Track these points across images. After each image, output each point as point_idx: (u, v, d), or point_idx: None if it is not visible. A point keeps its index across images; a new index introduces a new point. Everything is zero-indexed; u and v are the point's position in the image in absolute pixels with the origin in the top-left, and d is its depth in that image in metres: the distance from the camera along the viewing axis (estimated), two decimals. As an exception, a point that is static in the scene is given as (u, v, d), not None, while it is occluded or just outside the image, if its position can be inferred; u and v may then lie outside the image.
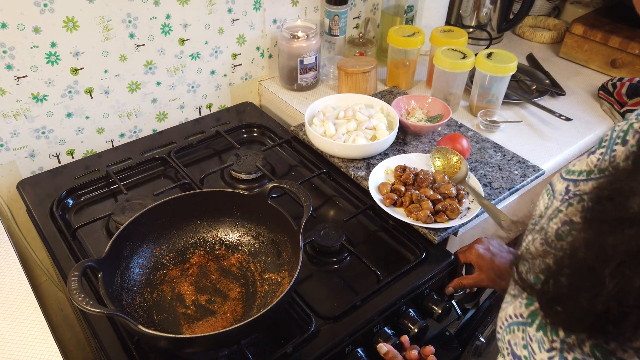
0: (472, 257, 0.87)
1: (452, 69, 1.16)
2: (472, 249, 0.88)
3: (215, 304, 0.79)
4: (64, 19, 0.96)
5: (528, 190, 1.11)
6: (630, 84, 1.21)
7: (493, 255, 0.86)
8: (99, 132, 1.13)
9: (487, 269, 0.85)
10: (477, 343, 1.13)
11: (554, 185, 0.53)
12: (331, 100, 1.16)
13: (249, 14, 1.22)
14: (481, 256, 0.86)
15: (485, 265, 0.85)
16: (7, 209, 1.09)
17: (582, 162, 0.51)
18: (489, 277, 0.85)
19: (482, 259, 0.85)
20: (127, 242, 0.78)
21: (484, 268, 0.85)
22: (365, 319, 0.79)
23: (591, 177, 0.48)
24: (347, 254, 0.90)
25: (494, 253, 0.86)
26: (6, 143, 1.03)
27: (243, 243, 0.86)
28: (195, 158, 1.15)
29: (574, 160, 0.52)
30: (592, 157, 0.50)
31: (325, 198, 1.04)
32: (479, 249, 0.87)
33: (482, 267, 0.86)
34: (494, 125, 1.16)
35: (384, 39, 1.40)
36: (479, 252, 0.86)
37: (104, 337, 0.76)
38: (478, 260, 0.86)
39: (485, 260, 0.85)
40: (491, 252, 0.86)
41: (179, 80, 1.19)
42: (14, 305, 0.80)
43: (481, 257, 0.86)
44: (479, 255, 0.86)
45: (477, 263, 0.86)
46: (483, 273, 0.86)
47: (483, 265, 0.85)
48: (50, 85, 1.01)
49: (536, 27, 1.65)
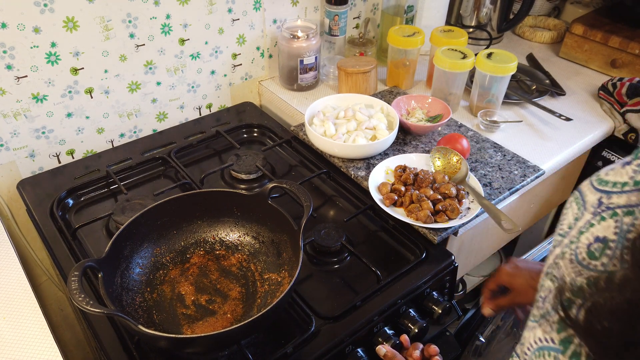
0: (503, 277, 0.84)
1: (452, 69, 1.16)
2: (500, 270, 0.85)
3: (215, 304, 0.79)
4: (64, 19, 0.96)
5: (528, 190, 1.11)
6: (630, 84, 1.21)
7: (523, 269, 0.83)
8: (99, 132, 1.13)
9: (520, 284, 0.82)
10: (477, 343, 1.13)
11: (584, 194, 0.50)
12: (331, 100, 1.16)
13: (249, 14, 1.22)
14: (511, 274, 0.83)
15: (519, 280, 0.82)
16: (7, 209, 1.09)
17: (617, 172, 0.48)
18: (526, 292, 0.81)
19: (513, 276, 0.82)
20: (127, 242, 0.78)
21: (517, 285, 0.82)
22: (365, 319, 0.79)
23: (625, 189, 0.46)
24: (347, 254, 0.90)
25: (524, 267, 0.83)
26: (6, 143, 1.03)
27: (243, 243, 0.86)
28: (195, 158, 1.15)
29: (606, 169, 0.50)
30: (627, 168, 0.47)
31: (325, 198, 1.04)
32: (507, 267, 0.84)
33: (515, 284, 0.82)
34: (494, 125, 1.16)
35: (384, 39, 1.40)
36: (508, 271, 0.83)
37: (104, 337, 0.76)
38: (509, 279, 0.83)
39: (517, 276, 0.82)
40: (520, 268, 0.83)
41: (179, 80, 1.19)
42: (14, 305, 0.80)
43: (512, 275, 0.82)
44: (508, 273, 0.83)
45: (510, 282, 0.83)
46: (518, 290, 0.82)
47: (516, 282, 0.82)
48: (50, 85, 1.01)
49: (536, 27, 1.65)
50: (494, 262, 1.67)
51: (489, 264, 1.65)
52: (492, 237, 1.18)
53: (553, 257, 0.50)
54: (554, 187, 1.27)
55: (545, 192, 1.25)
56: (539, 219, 1.37)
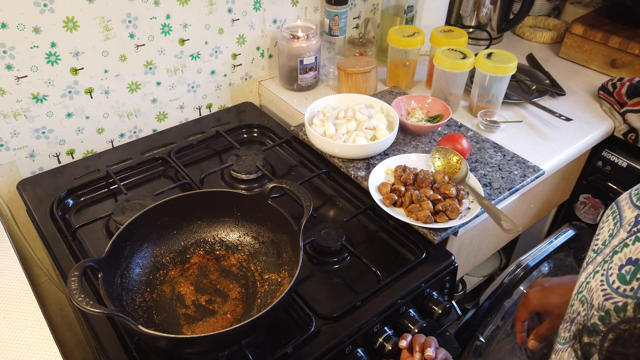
0: (533, 303, 0.78)
1: (452, 69, 1.16)
2: (527, 297, 0.79)
3: (215, 304, 0.79)
4: (64, 19, 0.96)
5: (528, 191, 1.11)
6: (630, 84, 1.21)
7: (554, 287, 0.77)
8: (99, 132, 1.13)
9: (556, 303, 0.75)
10: (477, 343, 1.13)
11: (621, 209, 0.47)
12: (331, 100, 1.16)
13: (249, 14, 1.22)
14: (541, 297, 0.77)
15: (553, 300, 0.75)
16: (7, 209, 1.09)
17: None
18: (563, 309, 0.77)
19: (544, 299, 0.76)
20: (127, 242, 0.78)
21: (552, 305, 0.76)
22: (366, 319, 0.79)
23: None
24: (347, 254, 0.90)
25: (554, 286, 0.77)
26: (6, 143, 1.03)
27: (243, 243, 0.86)
28: (195, 158, 1.15)
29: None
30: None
31: (325, 198, 1.04)
32: (534, 292, 0.78)
33: (551, 306, 0.76)
34: (494, 125, 1.16)
35: (384, 39, 1.40)
36: (536, 295, 0.77)
37: (104, 337, 0.76)
38: (541, 302, 0.77)
39: (549, 297, 0.76)
40: (549, 288, 0.77)
41: (179, 80, 1.19)
42: (14, 305, 0.80)
43: (542, 298, 0.77)
44: (538, 297, 0.77)
45: (543, 306, 0.77)
46: (556, 312, 0.76)
47: (550, 302, 0.76)
48: (50, 85, 1.01)
49: (536, 27, 1.65)
50: (494, 262, 1.67)
51: (489, 264, 1.65)
52: (492, 237, 1.18)
53: (585, 275, 0.47)
54: (554, 187, 1.28)
55: (545, 192, 1.25)
56: (539, 219, 1.37)
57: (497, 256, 1.68)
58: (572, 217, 1.44)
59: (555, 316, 0.76)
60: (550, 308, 0.76)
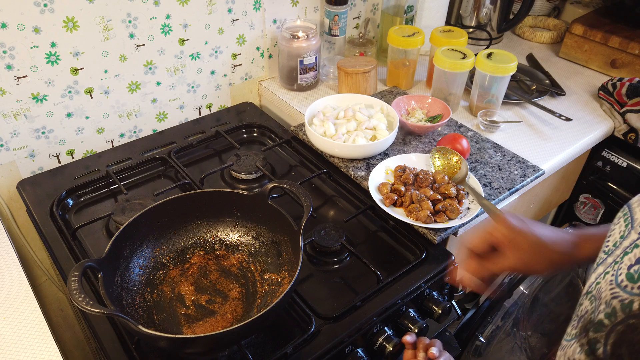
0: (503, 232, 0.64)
1: (452, 69, 1.16)
2: (500, 220, 0.65)
3: (215, 304, 0.79)
4: (64, 19, 0.96)
5: (528, 190, 1.11)
6: (630, 84, 1.21)
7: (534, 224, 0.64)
8: (99, 132, 1.13)
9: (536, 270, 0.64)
10: (477, 343, 1.14)
11: (633, 211, 0.47)
12: (331, 100, 1.16)
13: (249, 14, 1.22)
14: (516, 229, 0.63)
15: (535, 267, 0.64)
16: (7, 209, 1.09)
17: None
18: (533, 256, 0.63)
19: (519, 234, 0.63)
20: (127, 242, 0.78)
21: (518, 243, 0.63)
22: (366, 319, 0.79)
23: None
24: (347, 254, 0.90)
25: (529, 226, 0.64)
26: (6, 143, 1.03)
27: (243, 243, 0.86)
28: (195, 158, 1.15)
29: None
30: None
31: (325, 198, 1.04)
32: (511, 220, 0.64)
33: (517, 242, 0.63)
34: (493, 125, 1.16)
35: (384, 39, 1.40)
36: (510, 224, 0.63)
37: (104, 337, 0.76)
38: (511, 233, 0.63)
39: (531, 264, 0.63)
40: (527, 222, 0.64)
41: (179, 80, 1.19)
42: (14, 305, 0.80)
43: (517, 231, 0.63)
44: (511, 228, 0.63)
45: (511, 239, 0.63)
46: (520, 252, 0.63)
47: (521, 240, 0.63)
48: (50, 85, 1.01)
49: (536, 27, 1.65)
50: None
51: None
52: (492, 237, 1.18)
53: (595, 276, 0.48)
54: (554, 187, 1.28)
55: (545, 192, 1.25)
56: (538, 219, 1.37)
57: (497, 256, 1.67)
58: (572, 217, 1.44)
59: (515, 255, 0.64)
60: (517, 246, 0.64)
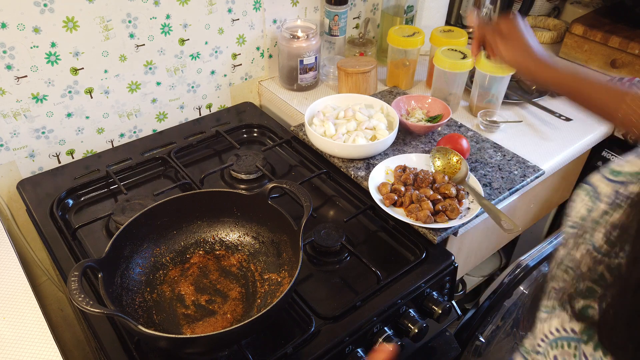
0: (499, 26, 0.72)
1: (452, 69, 1.16)
2: None
3: (215, 304, 0.79)
4: (64, 19, 0.96)
5: (528, 190, 1.11)
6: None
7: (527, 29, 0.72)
8: (99, 132, 1.13)
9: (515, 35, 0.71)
10: (477, 343, 1.14)
11: (596, 186, 0.50)
12: (331, 100, 1.16)
13: (249, 14, 1.22)
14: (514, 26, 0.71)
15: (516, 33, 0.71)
16: (7, 209, 1.09)
17: (632, 163, 0.48)
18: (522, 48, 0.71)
19: (514, 28, 0.71)
20: (127, 242, 0.78)
21: (509, 34, 0.72)
22: (365, 319, 0.79)
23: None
24: (347, 254, 0.90)
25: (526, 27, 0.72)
26: (6, 143, 1.03)
27: (243, 243, 0.86)
28: (195, 158, 1.15)
29: (619, 161, 0.50)
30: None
31: (325, 198, 1.04)
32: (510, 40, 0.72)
33: (509, 34, 0.72)
34: (493, 125, 1.16)
35: (384, 39, 1.40)
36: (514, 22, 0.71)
37: (104, 337, 0.76)
38: (508, 25, 0.72)
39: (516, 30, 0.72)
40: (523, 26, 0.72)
41: (179, 80, 1.19)
42: (14, 305, 0.80)
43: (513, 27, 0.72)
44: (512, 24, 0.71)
45: (509, 29, 0.73)
46: (514, 41, 0.72)
47: (514, 33, 0.72)
48: (50, 85, 1.01)
49: (536, 27, 1.65)
50: (494, 262, 1.67)
51: (489, 264, 1.65)
52: (492, 237, 1.18)
53: (566, 250, 0.50)
54: (554, 187, 1.27)
55: (545, 192, 1.25)
56: (539, 219, 1.37)
57: (497, 256, 1.68)
58: (572, 217, 1.44)
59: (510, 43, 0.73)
60: (509, 37, 0.73)
